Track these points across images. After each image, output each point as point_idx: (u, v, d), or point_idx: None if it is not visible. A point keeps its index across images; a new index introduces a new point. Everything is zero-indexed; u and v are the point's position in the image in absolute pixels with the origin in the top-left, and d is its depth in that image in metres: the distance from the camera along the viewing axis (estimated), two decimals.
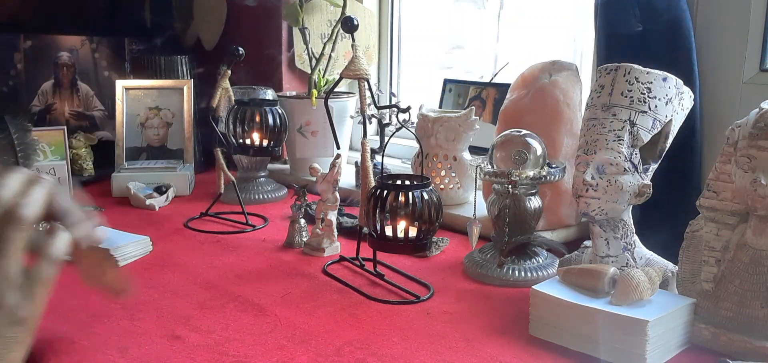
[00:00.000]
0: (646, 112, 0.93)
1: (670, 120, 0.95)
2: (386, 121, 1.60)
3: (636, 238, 1.00)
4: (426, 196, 0.99)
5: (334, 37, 1.72)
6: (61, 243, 0.64)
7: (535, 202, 1.11)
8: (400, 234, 1.00)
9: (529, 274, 1.08)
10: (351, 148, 1.85)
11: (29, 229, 0.58)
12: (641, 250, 1.00)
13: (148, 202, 1.50)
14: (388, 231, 1.01)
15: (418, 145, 1.16)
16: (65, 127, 1.59)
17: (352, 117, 1.74)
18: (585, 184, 0.95)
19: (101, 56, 1.92)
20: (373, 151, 1.15)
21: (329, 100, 1.15)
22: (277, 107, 1.43)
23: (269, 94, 1.66)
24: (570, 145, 1.23)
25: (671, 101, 0.95)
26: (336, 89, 1.28)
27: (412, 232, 1.00)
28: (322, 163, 1.39)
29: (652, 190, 0.96)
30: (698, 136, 1.18)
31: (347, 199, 1.46)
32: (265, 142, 1.41)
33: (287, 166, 1.80)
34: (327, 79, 1.74)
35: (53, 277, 0.60)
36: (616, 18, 1.19)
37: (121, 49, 1.94)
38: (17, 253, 0.60)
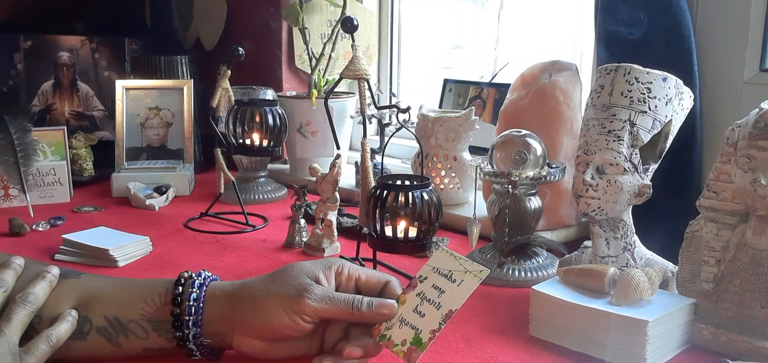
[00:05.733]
0: (646, 112, 0.93)
1: (670, 120, 0.95)
2: (386, 121, 1.61)
3: (636, 238, 1.00)
4: (426, 197, 0.99)
5: (334, 37, 1.72)
6: (62, 329, 0.72)
7: (535, 202, 1.11)
8: (400, 234, 1.00)
9: (529, 274, 1.08)
10: (351, 148, 1.85)
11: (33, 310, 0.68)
12: (641, 250, 1.00)
13: (148, 202, 1.50)
14: (388, 231, 1.01)
15: (418, 145, 1.16)
16: (65, 127, 1.59)
17: (352, 117, 1.74)
18: (585, 185, 0.95)
19: (101, 56, 1.92)
20: (373, 151, 1.15)
21: (329, 100, 1.15)
22: (277, 107, 1.43)
23: (269, 94, 1.66)
24: (570, 145, 1.23)
25: (671, 101, 0.95)
26: (336, 89, 1.28)
27: (412, 233, 1.00)
28: (322, 163, 1.40)
29: (652, 190, 0.96)
30: (698, 136, 1.18)
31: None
32: (265, 142, 1.41)
33: (287, 166, 1.80)
34: (327, 79, 1.74)
35: (47, 355, 0.72)
36: (616, 18, 1.20)
37: (121, 49, 1.94)
38: (19, 328, 0.69)
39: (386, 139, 1.09)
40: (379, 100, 1.72)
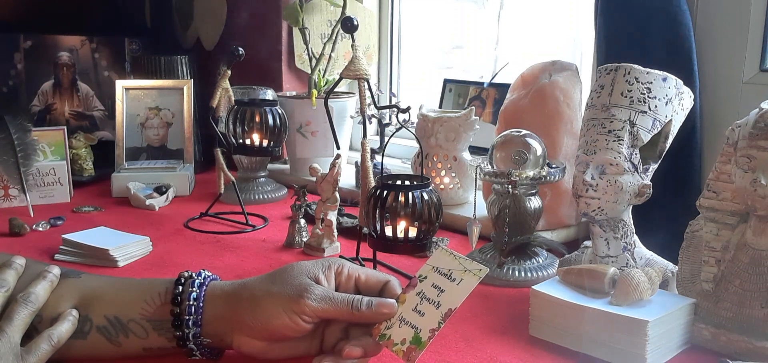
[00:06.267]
0: (646, 112, 0.93)
1: (670, 120, 0.95)
2: (386, 121, 1.60)
3: (636, 238, 1.00)
4: (426, 197, 0.99)
5: (334, 37, 1.72)
6: (63, 328, 0.72)
7: (535, 202, 1.11)
8: (400, 234, 1.00)
9: (529, 274, 1.08)
10: (351, 148, 1.85)
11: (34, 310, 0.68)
12: (641, 250, 1.00)
13: (148, 202, 1.50)
14: (388, 231, 1.01)
15: (418, 145, 1.16)
16: (65, 127, 1.59)
17: (352, 117, 1.74)
18: (585, 184, 0.95)
19: (101, 56, 1.92)
20: (373, 151, 1.15)
21: (329, 100, 1.15)
22: (277, 107, 1.43)
23: (269, 94, 1.66)
24: (570, 145, 1.23)
25: (671, 101, 0.95)
26: (336, 89, 1.28)
27: (412, 233, 1.00)
28: (322, 163, 1.40)
29: (652, 190, 0.96)
30: (698, 136, 1.18)
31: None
32: (265, 142, 1.41)
33: (287, 166, 1.80)
34: (327, 79, 1.74)
35: (49, 355, 0.72)
36: (616, 18, 1.20)
37: (121, 49, 1.94)
38: (21, 327, 0.69)
39: (386, 139, 1.09)
40: (379, 100, 1.72)
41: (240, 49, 1.38)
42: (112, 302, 0.77)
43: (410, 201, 0.99)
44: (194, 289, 0.76)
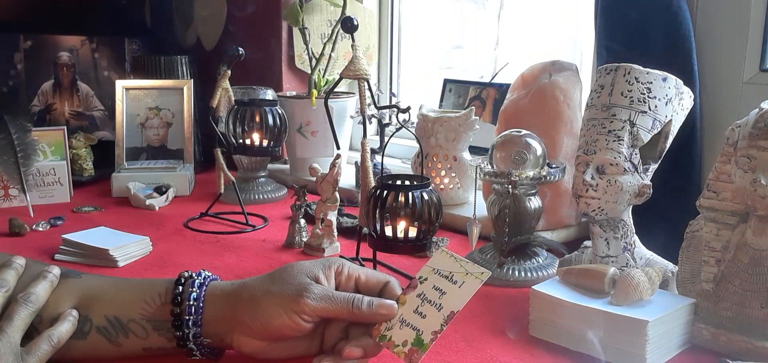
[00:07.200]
0: (646, 112, 0.93)
1: (670, 120, 0.95)
2: (386, 121, 1.60)
3: (636, 238, 1.00)
4: (426, 197, 0.99)
5: (334, 37, 1.72)
6: (63, 328, 0.72)
7: (535, 202, 1.11)
8: (400, 234, 1.00)
9: (529, 274, 1.08)
10: (351, 148, 1.85)
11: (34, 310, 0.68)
12: (641, 250, 1.00)
13: (148, 202, 1.50)
14: (388, 231, 1.01)
15: (418, 145, 1.16)
16: (65, 127, 1.59)
17: (352, 117, 1.74)
18: (585, 185, 0.95)
19: (101, 56, 1.92)
20: (373, 151, 1.15)
21: (329, 100, 1.15)
22: (277, 107, 1.43)
23: (269, 94, 1.66)
24: (570, 145, 1.23)
25: (671, 101, 0.95)
26: (336, 89, 1.28)
27: (412, 233, 1.00)
28: (322, 163, 1.40)
29: (652, 190, 0.96)
30: (698, 136, 1.18)
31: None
32: (265, 142, 1.41)
33: (287, 166, 1.80)
34: (327, 79, 1.74)
35: (49, 355, 0.72)
36: (616, 18, 1.20)
37: (121, 49, 1.94)
38: (21, 328, 0.69)
39: (386, 139, 1.09)
40: (379, 100, 1.72)
41: (240, 49, 1.38)
42: (112, 302, 0.77)
43: (410, 201, 0.99)
44: (194, 289, 0.76)
